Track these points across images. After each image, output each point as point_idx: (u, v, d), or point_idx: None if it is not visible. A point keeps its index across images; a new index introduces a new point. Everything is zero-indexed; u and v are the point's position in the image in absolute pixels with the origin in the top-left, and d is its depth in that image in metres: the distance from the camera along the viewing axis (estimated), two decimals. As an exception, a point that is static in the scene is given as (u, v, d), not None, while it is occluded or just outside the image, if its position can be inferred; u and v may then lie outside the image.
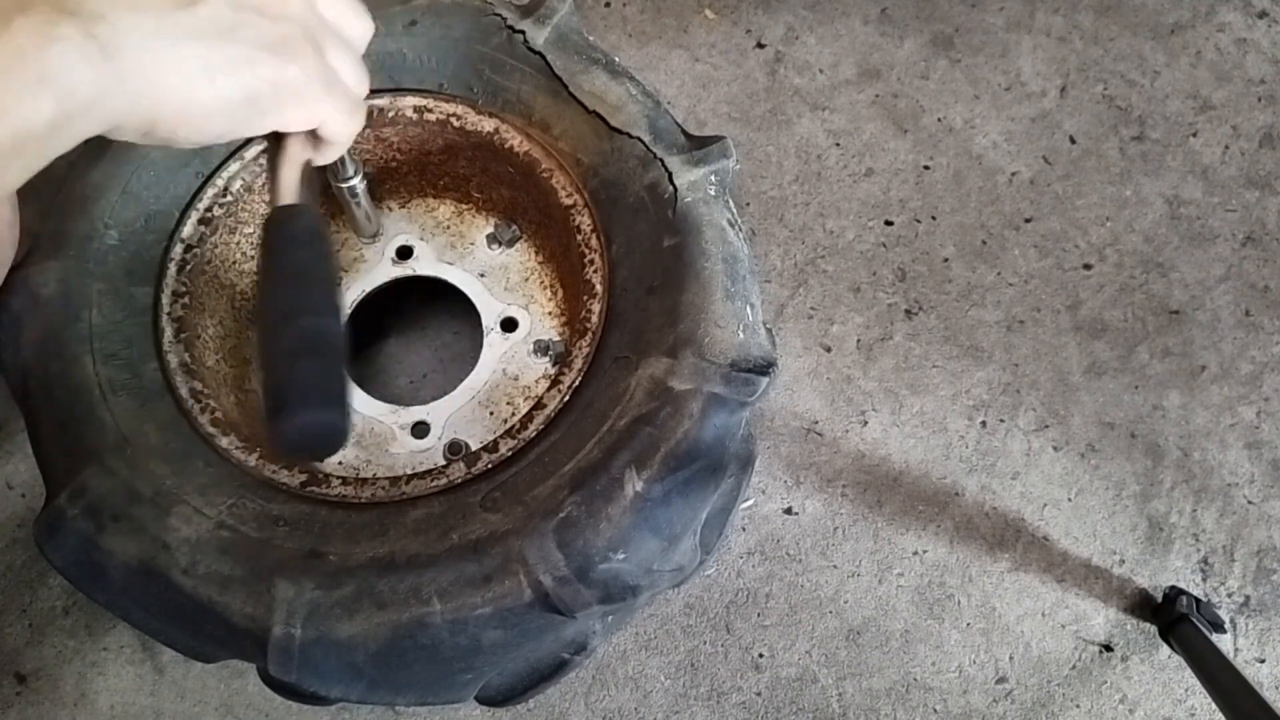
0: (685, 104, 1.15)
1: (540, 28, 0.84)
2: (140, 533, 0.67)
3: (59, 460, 0.71)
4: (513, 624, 0.67)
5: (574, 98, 0.82)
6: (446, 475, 0.73)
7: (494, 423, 0.86)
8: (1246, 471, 0.98)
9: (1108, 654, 0.92)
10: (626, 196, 0.80)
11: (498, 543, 0.66)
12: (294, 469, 0.73)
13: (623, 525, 0.67)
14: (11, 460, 0.96)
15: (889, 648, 0.91)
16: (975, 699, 0.90)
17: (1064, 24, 1.20)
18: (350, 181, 0.68)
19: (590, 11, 1.20)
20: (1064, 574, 0.94)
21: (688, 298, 0.74)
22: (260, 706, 0.87)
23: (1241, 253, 1.08)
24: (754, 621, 0.92)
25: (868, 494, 0.97)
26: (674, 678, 0.90)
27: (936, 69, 1.17)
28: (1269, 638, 0.93)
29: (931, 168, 1.12)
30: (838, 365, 1.02)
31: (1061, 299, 1.05)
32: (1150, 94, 1.16)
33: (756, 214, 1.09)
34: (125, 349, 0.75)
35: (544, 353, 0.88)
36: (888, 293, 1.06)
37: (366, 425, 0.86)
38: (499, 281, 0.92)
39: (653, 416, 0.69)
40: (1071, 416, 1.00)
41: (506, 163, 0.86)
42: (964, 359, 1.03)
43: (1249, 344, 1.04)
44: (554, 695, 0.88)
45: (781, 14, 1.20)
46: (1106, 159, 1.13)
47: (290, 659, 0.65)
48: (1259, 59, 1.18)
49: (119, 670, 0.89)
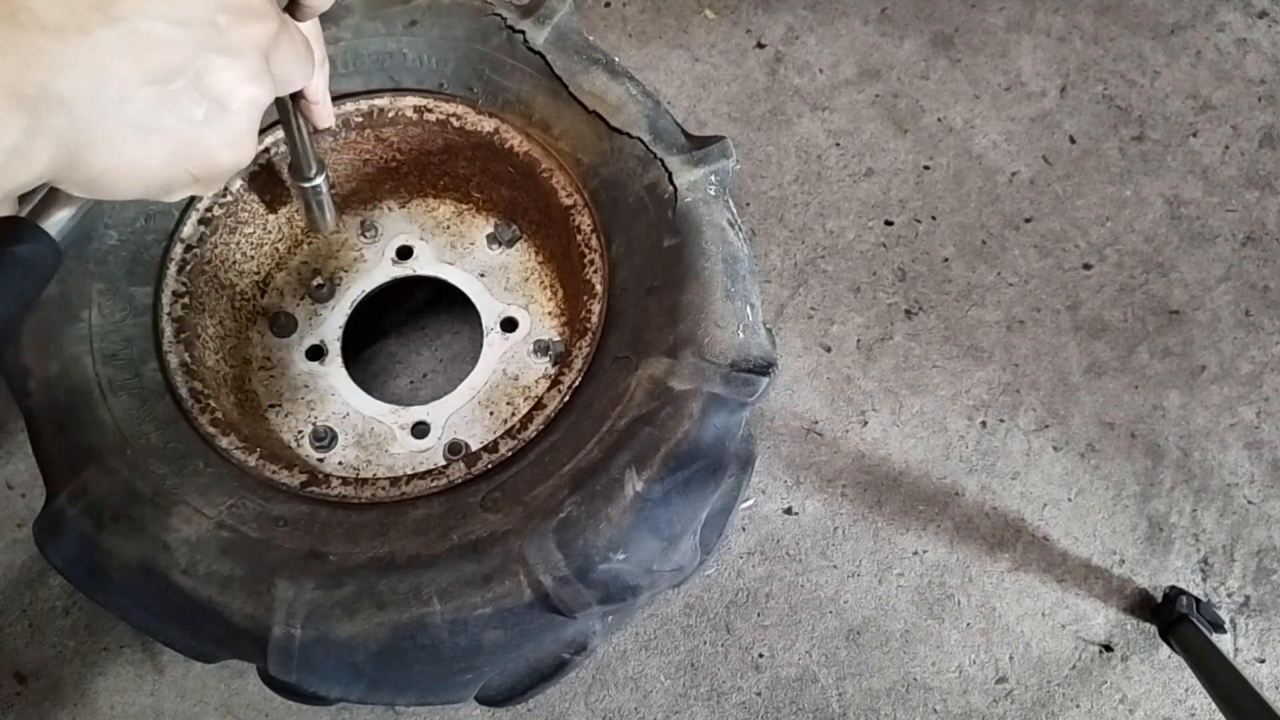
0: (685, 104, 1.15)
1: (540, 28, 0.84)
2: (140, 533, 0.67)
3: (59, 460, 0.71)
4: (513, 624, 0.67)
5: (574, 98, 0.82)
6: (446, 475, 0.73)
7: (494, 423, 0.86)
8: (1246, 471, 0.98)
9: (1108, 654, 0.92)
10: (626, 196, 0.80)
11: (498, 543, 0.66)
12: (294, 469, 0.73)
13: (623, 525, 0.67)
14: (11, 460, 0.96)
15: (889, 648, 0.91)
16: (975, 699, 0.90)
17: (1064, 24, 1.20)
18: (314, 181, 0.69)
19: (590, 11, 1.20)
20: (1064, 574, 0.94)
21: (688, 298, 0.74)
22: (260, 706, 0.87)
23: (1241, 253, 1.08)
24: (754, 621, 0.92)
25: (868, 494, 0.97)
26: (674, 678, 0.90)
27: (936, 69, 1.17)
28: (1269, 638, 0.92)
29: (931, 168, 1.12)
30: (838, 365, 1.02)
31: (1061, 299, 1.05)
32: (1150, 94, 1.16)
33: (756, 214, 1.09)
34: (125, 349, 0.75)
35: (544, 353, 0.88)
36: (888, 293, 1.06)
37: (366, 425, 0.86)
38: (499, 281, 0.92)
39: (653, 416, 0.69)
40: (1071, 416, 1.00)
41: (506, 163, 0.86)
42: (964, 359, 1.03)
43: (1249, 344, 1.04)
44: (554, 695, 0.88)
45: (781, 14, 1.20)
46: (1106, 159, 1.13)
47: (290, 659, 0.65)
48: (1259, 59, 1.18)
49: (119, 670, 0.89)
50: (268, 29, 0.44)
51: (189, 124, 0.41)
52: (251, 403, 0.86)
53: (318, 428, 0.84)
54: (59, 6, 0.36)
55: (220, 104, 0.42)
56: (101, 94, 0.37)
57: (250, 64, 0.43)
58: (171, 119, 0.40)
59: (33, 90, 0.35)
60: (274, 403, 0.87)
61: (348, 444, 0.85)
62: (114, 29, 0.37)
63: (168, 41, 0.39)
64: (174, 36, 0.39)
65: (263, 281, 0.91)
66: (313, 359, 0.89)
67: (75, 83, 0.36)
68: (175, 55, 0.39)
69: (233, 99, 0.42)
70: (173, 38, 0.39)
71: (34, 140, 0.35)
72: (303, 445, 0.85)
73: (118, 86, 0.37)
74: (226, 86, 0.42)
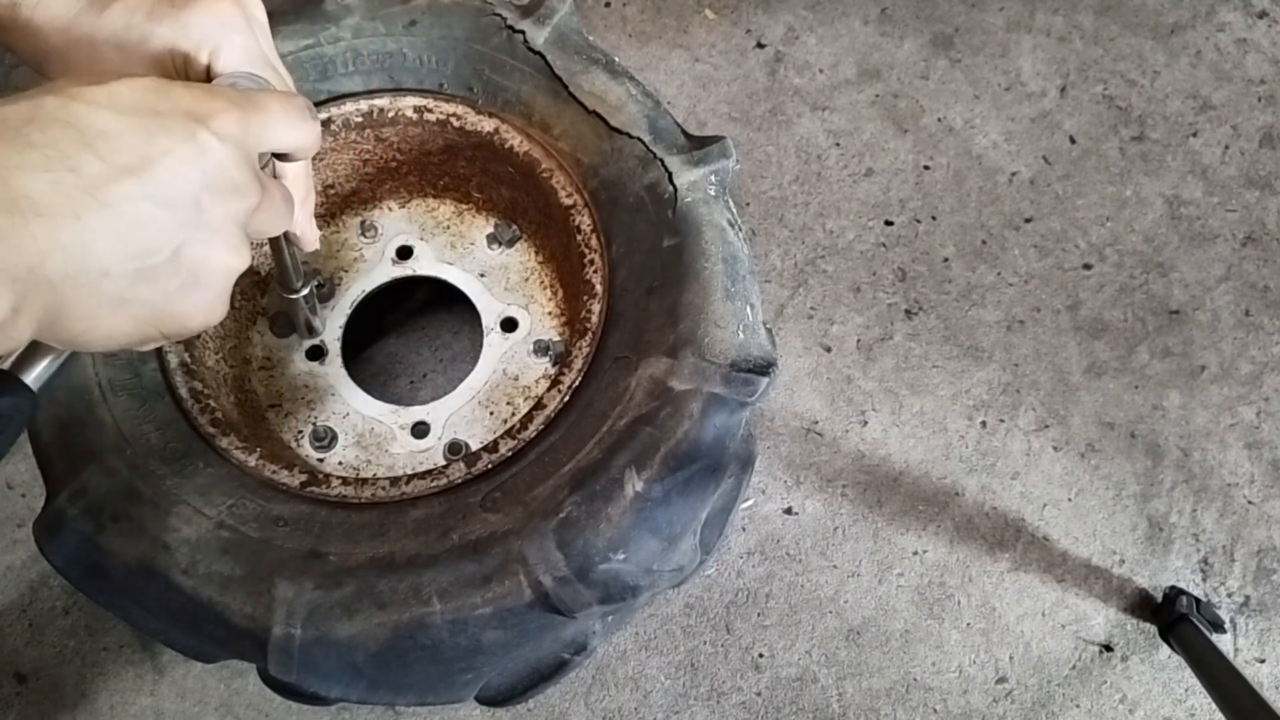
0: (685, 104, 1.15)
1: (540, 28, 0.84)
2: (140, 533, 0.67)
3: (59, 460, 0.71)
4: (513, 624, 0.67)
5: (574, 98, 0.82)
6: (446, 475, 0.73)
7: (494, 423, 0.86)
8: (1246, 471, 0.98)
9: (1108, 654, 0.92)
10: (626, 196, 0.80)
11: (498, 543, 0.66)
12: (294, 469, 0.73)
13: (623, 525, 0.67)
14: (11, 460, 0.96)
15: (889, 648, 0.91)
16: (975, 699, 0.90)
17: (1064, 24, 1.20)
18: (300, 293, 0.70)
19: (590, 11, 1.20)
20: (1064, 574, 0.94)
21: (688, 298, 0.74)
22: (260, 706, 0.87)
23: (1241, 253, 1.08)
24: (754, 621, 0.92)
25: (868, 494, 0.97)
26: (674, 678, 0.90)
27: (936, 69, 1.17)
28: (1269, 638, 0.93)
29: (931, 168, 1.12)
30: (838, 365, 1.02)
31: (1061, 299, 1.05)
32: (1150, 94, 1.16)
33: (756, 214, 1.09)
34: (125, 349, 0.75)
35: (544, 353, 0.88)
36: (888, 293, 1.06)
37: (366, 425, 0.86)
38: (499, 281, 0.92)
39: (653, 416, 0.69)
40: (1071, 416, 1.00)
41: (506, 163, 0.86)
42: (964, 359, 1.03)
43: (1249, 344, 1.04)
44: (554, 695, 0.88)
45: (781, 14, 1.20)
46: (1106, 159, 1.13)
47: (290, 659, 0.65)
48: (1259, 59, 1.18)
49: (119, 670, 0.89)
50: (249, 204, 0.45)
51: (163, 295, 0.42)
52: (251, 403, 0.86)
53: (318, 428, 0.84)
54: (55, 193, 0.37)
55: (195, 276, 0.43)
56: (85, 272, 0.38)
57: (228, 237, 0.44)
58: (147, 290, 0.41)
59: (23, 274, 0.36)
60: (274, 403, 0.87)
61: (348, 444, 0.85)
62: (101, 212, 0.38)
63: (151, 221, 0.40)
64: (157, 217, 0.40)
65: (263, 281, 0.91)
66: (313, 359, 0.89)
67: (62, 265, 0.37)
68: (156, 234, 0.40)
69: (208, 271, 0.44)
70: (156, 218, 0.40)
71: (19, 318, 0.37)
72: (303, 445, 0.85)
73: (99, 264, 0.39)
74: (202, 259, 0.43)
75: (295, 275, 0.69)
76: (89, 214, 0.38)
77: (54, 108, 0.39)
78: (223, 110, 0.43)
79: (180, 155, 0.41)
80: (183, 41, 0.49)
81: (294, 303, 0.71)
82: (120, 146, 0.39)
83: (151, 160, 0.40)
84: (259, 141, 0.45)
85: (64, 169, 0.37)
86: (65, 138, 0.38)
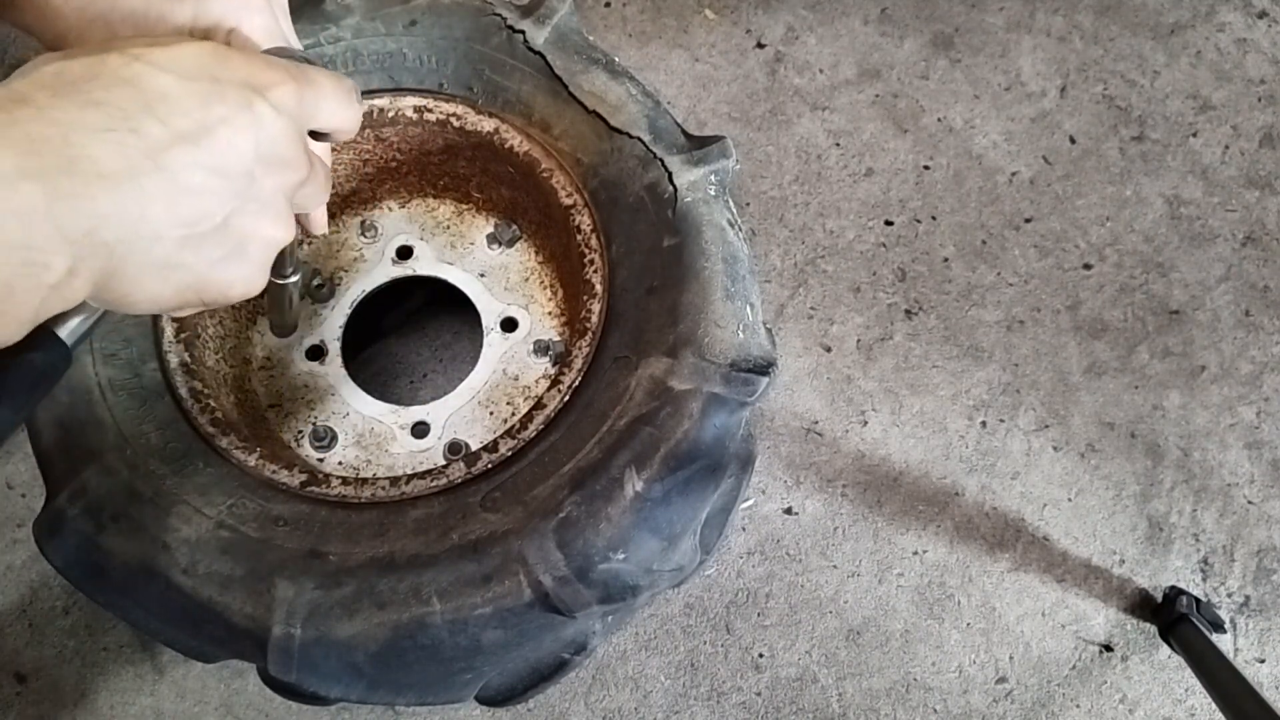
0: (685, 104, 1.15)
1: (540, 28, 0.84)
2: (140, 533, 0.67)
3: (59, 460, 0.71)
4: (513, 624, 0.67)
5: (574, 98, 0.82)
6: (446, 475, 0.73)
7: (494, 423, 0.86)
8: (1246, 471, 0.98)
9: (1108, 654, 0.92)
10: (626, 196, 0.80)
11: (498, 543, 0.66)
12: (294, 469, 0.73)
13: (623, 525, 0.67)
14: (11, 460, 0.96)
15: (889, 648, 0.91)
16: (975, 699, 0.90)
17: (1064, 24, 1.20)
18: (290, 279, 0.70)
19: (590, 11, 1.20)
20: (1064, 574, 0.94)
21: (688, 298, 0.74)
22: (260, 706, 0.87)
23: (1241, 253, 1.08)
24: (754, 621, 0.92)
25: (868, 494, 0.97)
26: (674, 678, 0.90)
27: (936, 69, 1.17)
28: (1269, 638, 0.93)
29: (931, 168, 1.12)
30: (838, 365, 1.02)
31: (1061, 299, 1.05)
32: (1150, 94, 1.16)
33: (756, 214, 1.09)
34: (125, 349, 0.75)
35: (544, 353, 0.88)
36: (888, 293, 1.06)
37: (366, 425, 0.86)
38: (499, 281, 0.92)
39: (653, 416, 0.69)
40: (1071, 416, 1.00)
41: (506, 163, 0.86)
42: (964, 359, 1.03)
43: (1249, 344, 1.04)
44: (554, 695, 0.88)
45: (781, 14, 1.20)
46: (1106, 159, 1.13)
47: (290, 659, 0.65)
48: (1259, 59, 1.18)
49: (119, 670, 0.89)
50: (298, 177, 0.45)
51: (208, 262, 0.42)
52: (251, 403, 0.86)
53: (318, 427, 0.84)
54: (116, 156, 0.37)
55: (241, 246, 0.43)
56: (137, 236, 0.38)
57: (276, 209, 0.44)
58: (193, 257, 0.41)
59: (80, 236, 0.36)
60: (274, 403, 0.87)
61: (347, 444, 0.85)
62: (158, 176, 0.38)
63: (205, 189, 0.40)
64: (211, 185, 0.40)
65: (263, 281, 0.91)
66: (313, 359, 0.89)
67: (118, 228, 0.37)
68: (209, 202, 0.41)
69: (253, 242, 0.44)
70: (210, 186, 0.40)
71: (75, 279, 0.37)
72: (302, 445, 0.85)
73: (151, 229, 0.39)
74: (250, 230, 0.43)
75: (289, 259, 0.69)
76: (147, 178, 0.37)
77: (117, 65, 0.38)
78: (280, 83, 0.43)
79: (236, 125, 0.40)
80: (202, 19, 0.48)
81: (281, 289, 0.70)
82: (179, 110, 0.39)
83: (208, 128, 0.39)
84: (310, 117, 0.45)
85: (126, 129, 0.37)
86: (127, 98, 0.38)
